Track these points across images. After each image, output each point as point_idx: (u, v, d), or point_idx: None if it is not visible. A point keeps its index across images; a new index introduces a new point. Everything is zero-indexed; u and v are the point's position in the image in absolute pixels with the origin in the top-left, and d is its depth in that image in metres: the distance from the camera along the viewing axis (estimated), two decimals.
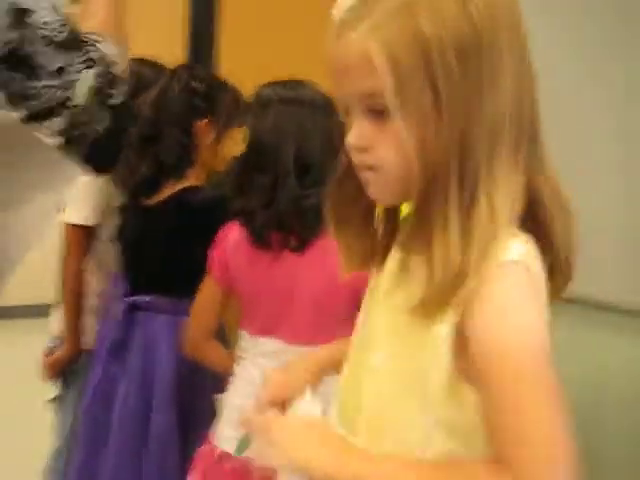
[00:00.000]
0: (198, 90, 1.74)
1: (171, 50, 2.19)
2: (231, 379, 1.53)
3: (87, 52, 1.08)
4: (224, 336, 1.69)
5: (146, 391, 1.68)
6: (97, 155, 1.12)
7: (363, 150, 0.76)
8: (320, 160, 1.38)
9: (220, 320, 1.57)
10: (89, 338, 1.97)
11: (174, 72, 1.79)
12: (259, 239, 1.42)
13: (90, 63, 1.08)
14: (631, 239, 2.18)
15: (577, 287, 0.89)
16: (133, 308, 1.75)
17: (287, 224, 1.39)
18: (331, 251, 1.40)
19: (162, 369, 1.70)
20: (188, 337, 1.57)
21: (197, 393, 1.72)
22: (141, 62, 2.00)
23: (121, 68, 1.13)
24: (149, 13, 2.51)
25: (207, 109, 1.74)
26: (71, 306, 1.95)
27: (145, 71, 1.92)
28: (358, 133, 0.75)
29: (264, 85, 1.48)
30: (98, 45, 1.11)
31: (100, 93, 1.08)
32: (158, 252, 1.71)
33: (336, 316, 1.43)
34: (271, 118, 1.41)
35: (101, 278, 2.00)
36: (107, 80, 1.09)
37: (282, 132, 1.39)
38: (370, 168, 0.76)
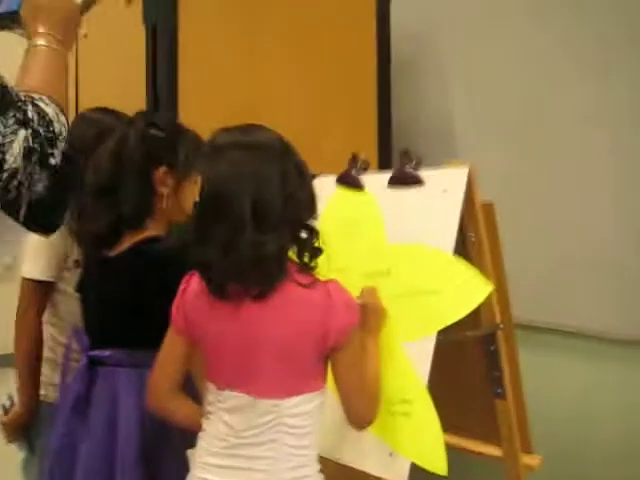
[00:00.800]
0: (156, 137, 1.71)
1: (133, 99, 2.17)
2: (200, 435, 1.48)
3: (23, 111, 1.05)
4: (194, 390, 1.63)
5: (109, 451, 1.61)
6: (38, 215, 1.09)
7: None
8: (278, 207, 1.35)
9: (185, 373, 1.51)
10: (50, 392, 1.91)
11: (132, 120, 1.76)
12: (217, 290, 1.38)
13: (25, 122, 1.04)
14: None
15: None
16: (94, 362, 1.69)
17: (246, 273, 1.34)
18: (295, 298, 1.39)
19: (126, 426, 1.63)
20: (152, 391, 1.51)
21: (165, 450, 1.65)
22: (103, 111, 1.97)
23: (60, 127, 1.10)
24: (110, 62, 2.50)
25: (165, 157, 1.70)
26: (24, 362, 1.90)
27: (106, 120, 1.88)
28: None
29: (218, 130, 1.44)
30: (36, 103, 1.07)
31: (37, 153, 1.05)
32: (117, 305, 1.66)
33: (304, 367, 1.40)
34: (225, 164, 1.37)
35: (62, 331, 1.95)
36: (45, 139, 1.06)
37: (237, 178, 1.34)
38: None
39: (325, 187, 1.88)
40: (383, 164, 2.46)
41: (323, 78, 2.42)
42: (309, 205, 1.43)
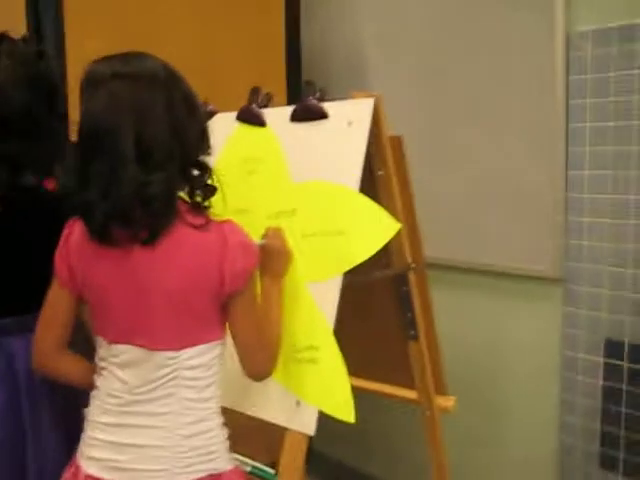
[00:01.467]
0: None
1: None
2: (92, 393, 1.37)
3: None
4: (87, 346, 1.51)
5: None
6: None
7: None
8: (164, 141, 1.22)
9: (71, 329, 1.39)
10: None
11: None
12: (100, 235, 1.25)
13: None
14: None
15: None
16: None
17: (131, 215, 1.21)
18: (187, 242, 1.28)
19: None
20: (37, 350, 1.39)
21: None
22: None
23: None
24: None
25: None
26: None
27: None
28: None
29: (96, 60, 1.28)
30: None
31: None
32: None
33: (200, 315, 1.30)
34: (103, 97, 1.22)
35: None
36: None
37: (116, 111, 1.21)
38: None
39: (225, 124, 1.76)
40: (292, 98, 2.33)
41: (225, 4, 2.26)
42: (200, 140, 1.32)
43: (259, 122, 1.70)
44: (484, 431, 2.35)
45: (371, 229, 1.45)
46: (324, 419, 1.43)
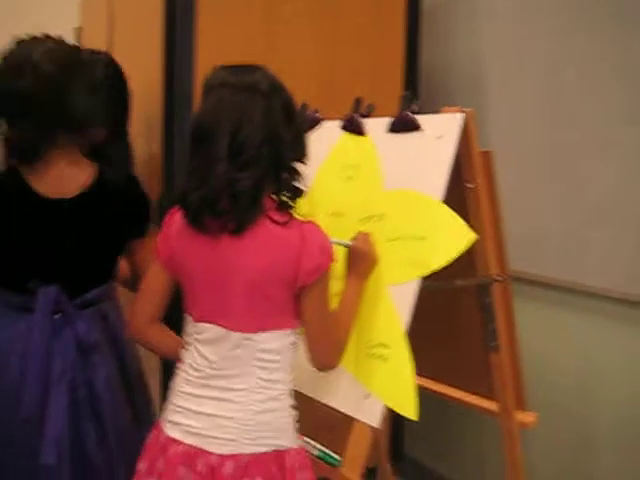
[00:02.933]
0: None
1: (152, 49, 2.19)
2: (178, 365, 1.52)
3: None
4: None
5: None
6: None
7: None
8: (256, 144, 1.35)
9: (164, 305, 1.54)
10: None
11: None
12: (194, 221, 1.41)
13: None
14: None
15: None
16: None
17: (219, 207, 1.36)
18: (268, 235, 1.40)
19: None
20: (131, 321, 1.55)
21: None
22: None
23: None
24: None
25: None
26: None
27: None
28: None
29: (214, 69, 1.46)
30: None
31: None
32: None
33: (274, 303, 1.41)
34: (211, 102, 1.40)
35: None
36: None
37: (217, 114, 1.37)
38: None
39: (332, 132, 1.88)
40: None
41: (347, 19, 2.37)
42: (294, 145, 1.44)
43: (360, 131, 1.80)
44: (569, 455, 2.31)
45: (449, 238, 1.51)
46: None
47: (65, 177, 1.70)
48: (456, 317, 1.91)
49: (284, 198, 1.43)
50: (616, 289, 2.13)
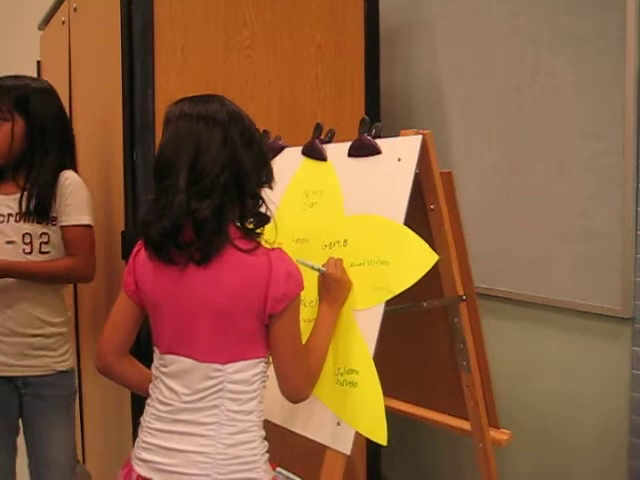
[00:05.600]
0: None
1: (112, 75, 2.19)
2: (147, 400, 1.50)
3: None
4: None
5: None
6: None
7: None
8: (215, 172, 1.35)
9: (133, 336, 1.53)
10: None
11: None
12: (157, 253, 1.40)
13: None
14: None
15: None
16: None
17: (182, 238, 1.36)
18: (233, 263, 1.39)
19: None
20: (100, 353, 1.53)
21: None
22: None
23: None
24: (94, 36, 2.51)
25: None
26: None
27: None
28: None
29: (174, 102, 1.46)
30: None
31: None
32: None
33: (243, 332, 1.40)
34: (169, 134, 1.41)
35: None
36: None
37: (177, 146, 1.37)
38: None
39: (293, 158, 1.88)
40: None
41: (306, 46, 2.39)
42: (255, 172, 1.43)
43: (321, 157, 1.80)
44: (549, 470, 2.32)
45: (411, 260, 1.52)
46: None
47: None
48: (425, 338, 1.91)
49: (250, 225, 1.43)
50: (585, 303, 2.15)
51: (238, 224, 1.43)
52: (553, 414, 2.26)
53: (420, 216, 1.68)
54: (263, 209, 1.45)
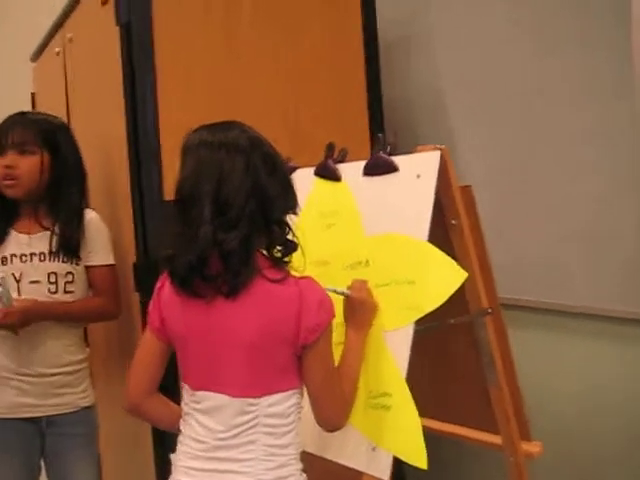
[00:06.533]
0: None
1: (115, 100, 2.16)
2: (179, 438, 1.47)
3: None
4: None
5: None
6: None
7: None
8: (240, 202, 1.32)
9: (161, 373, 1.49)
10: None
11: None
12: (183, 286, 1.37)
13: None
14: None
15: None
16: None
17: (208, 271, 1.33)
18: (264, 294, 1.36)
19: None
20: (129, 392, 1.49)
21: None
22: None
23: None
24: (93, 64, 2.49)
25: None
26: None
27: None
28: None
29: (192, 131, 1.43)
30: None
31: None
32: None
33: (277, 364, 1.37)
34: (189, 164, 1.37)
35: None
36: None
37: (198, 176, 1.34)
38: None
39: (305, 179, 1.85)
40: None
41: (308, 64, 2.37)
42: (280, 199, 1.40)
43: (335, 177, 1.78)
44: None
45: (439, 278, 1.49)
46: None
47: None
48: (451, 354, 1.89)
49: (278, 254, 1.40)
50: (604, 307, 2.12)
51: (265, 252, 1.40)
52: (582, 420, 2.23)
53: (441, 232, 1.65)
54: (289, 236, 1.43)
